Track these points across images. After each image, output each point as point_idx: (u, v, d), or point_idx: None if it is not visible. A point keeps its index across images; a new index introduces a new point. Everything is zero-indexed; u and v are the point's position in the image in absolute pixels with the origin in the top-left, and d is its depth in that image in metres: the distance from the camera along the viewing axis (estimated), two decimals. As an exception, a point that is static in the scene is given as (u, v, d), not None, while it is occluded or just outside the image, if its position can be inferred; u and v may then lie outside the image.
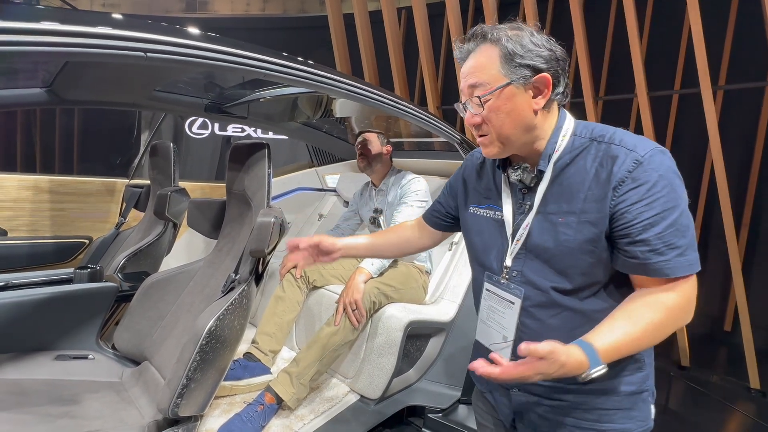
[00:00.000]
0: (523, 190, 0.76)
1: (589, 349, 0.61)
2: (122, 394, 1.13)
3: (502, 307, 0.77)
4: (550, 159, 0.73)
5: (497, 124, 0.71)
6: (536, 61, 0.69)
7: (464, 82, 0.74)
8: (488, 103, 0.71)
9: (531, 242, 0.74)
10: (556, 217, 0.71)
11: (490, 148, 0.75)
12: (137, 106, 1.81)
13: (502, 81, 0.69)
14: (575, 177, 0.71)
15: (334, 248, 0.97)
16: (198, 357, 0.99)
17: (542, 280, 0.73)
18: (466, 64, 0.74)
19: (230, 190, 1.31)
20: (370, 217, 1.90)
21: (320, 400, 1.47)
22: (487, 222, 0.82)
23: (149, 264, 1.68)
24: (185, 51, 0.84)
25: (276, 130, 2.47)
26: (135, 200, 1.99)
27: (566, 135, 0.73)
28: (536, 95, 0.71)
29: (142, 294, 1.31)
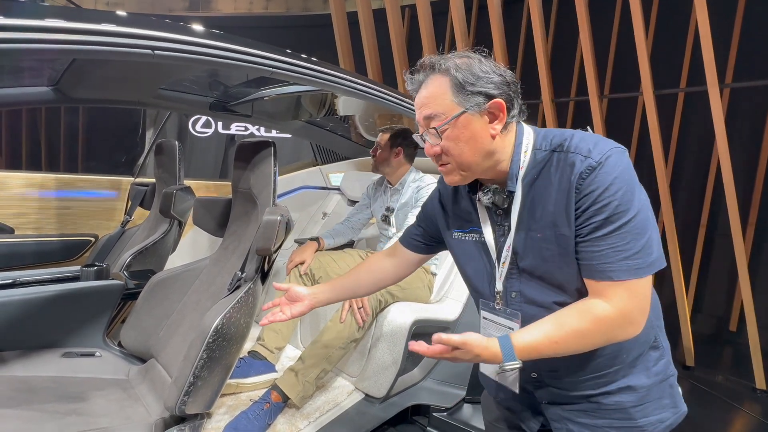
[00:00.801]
0: (498, 211, 0.75)
1: (506, 344, 0.64)
2: (129, 392, 1.14)
3: (500, 334, 0.73)
4: (517, 178, 0.72)
5: (456, 153, 0.71)
6: (488, 87, 0.69)
7: (419, 114, 0.74)
8: (446, 132, 0.70)
9: (520, 263, 0.73)
10: (535, 234, 0.71)
11: (452, 176, 0.74)
12: (143, 104, 1.81)
13: (457, 110, 0.69)
14: (543, 190, 0.70)
15: (301, 297, 0.93)
16: (205, 355, 0.99)
17: (543, 297, 0.72)
18: (419, 95, 0.73)
19: (236, 188, 1.31)
20: (382, 215, 1.89)
21: (325, 398, 1.47)
22: (473, 246, 0.81)
23: (155, 262, 1.68)
24: (192, 49, 0.83)
25: (280, 129, 2.47)
26: (140, 198, 2.00)
27: (527, 150, 0.73)
28: (492, 120, 0.70)
29: (149, 292, 1.31)
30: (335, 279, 1.03)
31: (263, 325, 0.96)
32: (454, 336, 0.63)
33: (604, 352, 0.71)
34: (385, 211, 1.88)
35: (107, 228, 2.06)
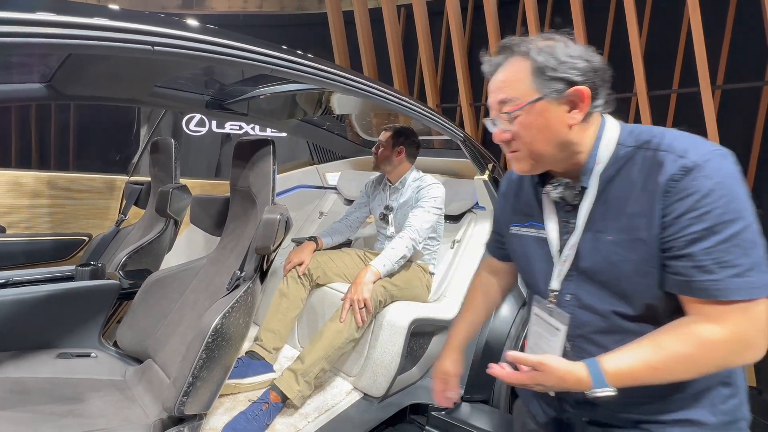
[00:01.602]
0: (566, 207, 0.70)
1: (595, 369, 0.58)
2: (125, 393, 1.12)
3: (549, 334, 0.71)
4: (592, 174, 0.66)
5: (528, 141, 0.66)
6: (570, 73, 0.63)
7: (493, 97, 0.69)
8: (518, 119, 0.66)
9: (581, 264, 0.68)
10: (604, 236, 0.65)
11: (521, 164, 0.70)
12: (138, 102, 1.79)
13: (533, 95, 0.64)
14: (621, 190, 0.64)
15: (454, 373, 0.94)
16: (204, 355, 0.98)
17: (601, 304, 0.66)
18: (495, 78, 0.69)
19: (235, 186, 1.30)
20: (380, 213, 1.88)
21: (324, 398, 1.47)
22: (531, 241, 0.77)
23: (150, 261, 1.66)
24: (193, 45, 0.82)
25: (276, 127, 2.46)
26: (135, 197, 1.97)
27: (609, 145, 0.66)
28: (571, 109, 0.65)
29: (145, 291, 1.29)
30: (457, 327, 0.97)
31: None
32: (530, 355, 0.59)
33: None
34: (384, 209, 1.87)
35: (101, 227, 2.04)
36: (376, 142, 1.91)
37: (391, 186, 1.89)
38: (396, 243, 1.63)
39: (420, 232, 1.67)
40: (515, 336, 1.79)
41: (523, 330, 1.84)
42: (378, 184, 2.00)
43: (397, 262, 1.61)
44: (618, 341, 0.64)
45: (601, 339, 0.67)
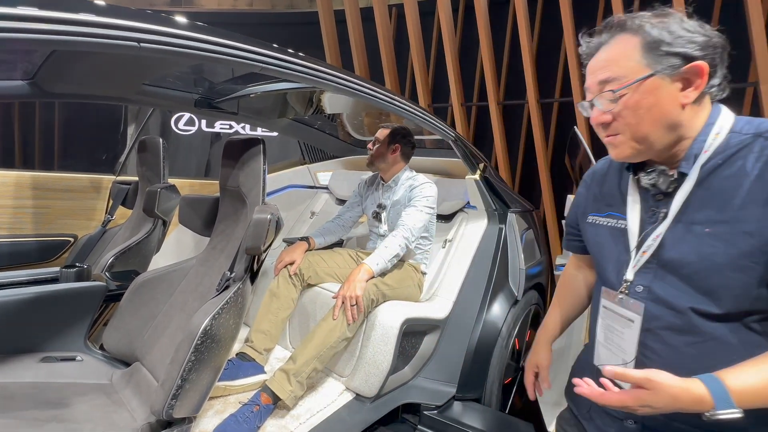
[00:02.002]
0: (658, 196, 0.66)
1: (716, 386, 0.51)
2: (112, 397, 1.10)
3: (620, 326, 0.68)
4: (695, 160, 0.62)
5: (633, 122, 0.61)
6: (688, 48, 0.58)
7: (592, 78, 0.65)
8: (623, 98, 0.61)
9: (664, 255, 0.63)
10: (700, 228, 0.60)
11: (622, 149, 0.64)
12: (125, 100, 1.76)
13: (643, 72, 0.59)
14: (729, 180, 0.59)
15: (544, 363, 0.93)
16: (193, 357, 0.97)
17: (679, 300, 0.62)
18: (597, 57, 0.65)
19: (224, 186, 1.29)
20: (373, 212, 1.88)
21: (316, 399, 1.46)
22: (606, 231, 0.73)
23: (138, 263, 1.63)
24: (180, 42, 0.81)
25: (266, 126, 2.44)
26: (123, 197, 1.94)
27: (720, 133, 0.62)
28: (685, 87, 0.60)
29: (133, 293, 1.27)
30: (549, 325, 0.95)
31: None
32: (633, 371, 0.52)
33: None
34: (376, 207, 1.87)
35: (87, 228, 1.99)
36: (372, 140, 1.90)
37: (384, 184, 1.89)
38: (389, 242, 1.63)
39: (413, 231, 1.67)
40: (506, 334, 1.80)
41: (515, 329, 1.85)
42: (371, 183, 2.00)
43: (390, 261, 1.61)
44: (689, 343, 0.61)
45: (670, 337, 0.63)
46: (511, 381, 1.89)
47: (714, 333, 0.60)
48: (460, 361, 1.72)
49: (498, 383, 1.74)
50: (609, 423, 0.74)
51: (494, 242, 1.93)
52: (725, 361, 0.57)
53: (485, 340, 1.75)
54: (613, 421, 0.73)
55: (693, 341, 0.61)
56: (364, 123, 2.77)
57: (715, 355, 0.59)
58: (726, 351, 0.59)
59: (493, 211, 1.99)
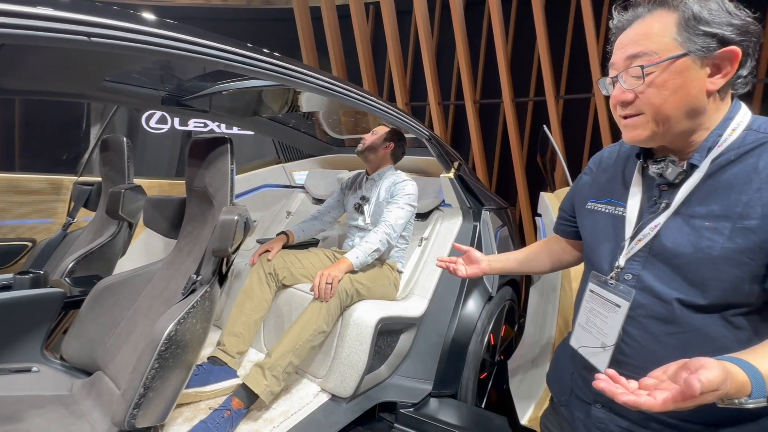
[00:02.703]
0: (662, 186, 0.66)
1: (753, 372, 0.48)
2: (72, 408, 1.05)
3: (606, 311, 0.68)
4: (708, 153, 0.61)
5: (657, 101, 0.59)
6: (726, 30, 0.56)
7: (621, 54, 0.62)
8: (651, 75, 0.59)
9: (659, 245, 0.63)
10: (701, 221, 0.60)
11: (639, 131, 0.62)
12: (86, 97, 1.68)
13: (676, 51, 0.57)
14: (739, 176, 0.59)
15: (477, 260, 0.97)
16: (156, 364, 0.93)
17: (666, 290, 0.62)
18: (629, 31, 0.62)
19: (190, 186, 1.25)
20: (355, 203, 1.88)
21: (290, 401, 1.44)
22: (604, 218, 0.73)
23: (101, 267, 1.56)
24: (134, 37, 0.77)
25: (240, 125, 2.38)
26: (85, 199, 1.85)
27: (737, 129, 0.61)
28: (714, 74, 0.58)
29: (94, 299, 1.22)
30: (510, 253, 1.01)
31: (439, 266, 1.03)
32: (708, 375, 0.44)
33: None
34: (359, 200, 1.87)
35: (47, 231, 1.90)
36: (370, 131, 1.92)
37: (368, 178, 1.90)
38: (370, 237, 1.64)
39: (395, 227, 1.69)
40: (481, 330, 1.82)
41: (489, 324, 1.88)
42: (353, 181, 1.99)
43: (371, 255, 1.61)
44: (669, 333, 0.62)
45: (651, 326, 0.64)
46: (486, 376, 1.92)
47: (695, 324, 0.61)
48: (436, 358, 1.74)
49: (473, 378, 1.76)
50: (579, 407, 0.76)
51: (469, 239, 1.95)
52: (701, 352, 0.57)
53: (460, 337, 1.77)
54: (583, 405, 0.75)
55: (673, 331, 0.62)
56: (341, 122, 2.75)
57: (693, 347, 0.61)
58: (704, 343, 0.60)
59: (468, 208, 2.01)
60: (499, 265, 0.99)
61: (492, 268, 0.98)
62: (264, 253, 1.69)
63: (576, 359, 0.76)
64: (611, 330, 0.67)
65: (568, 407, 0.80)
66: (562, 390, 0.82)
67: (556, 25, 3.61)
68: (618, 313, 0.66)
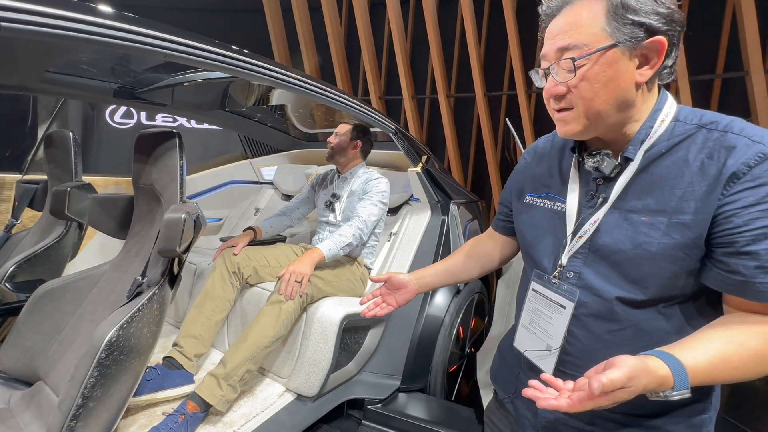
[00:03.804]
0: (599, 180, 0.65)
1: (676, 365, 0.49)
2: (8, 422, 0.99)
3: (550, 311, 0.67)
4: (641, 146, 0.61)
5: (588, 96, 0.59)
6: (653, 18, 0.56)
7: (551, 45, 0.61)
8: (582, 68, 0.58)
9: (598, 241, 0.63)
10: (637, 216, 0.60)
11: (572, 126, 0.62)
12: (26, 89, 1.56)
13: (605, 42, 0.57)
14: (671, 169, 0.59)
15: (404, 283, 0.88)
16: (96, 372, 0.88)
17: (607, 287, 0.62)
18: (557, 20, 0.61)
19: (137, 184, 1.18)
20: (326, 201, 1.85)
21: (253, 403, 1.40)
22: (543, 213, 0.72)
23: (48, 271, 1.47)
24: (49, 22, 0.71)
25: (201, 119, 2.29)
26: (30, 198, 1.74)
27: (666, 120, 0.61)
28: (642, 65, 0.58)
29: (33, 305, 1.14)
30: (436, 264, 0.93)
31: (365, 315, 0.90)
32: (617, 374, 0.46)
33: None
34: (330, 197, 1.85)
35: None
36: (332, 133, 1.87)
37: (340, 176, 1.87)
38: (343, 230, 1.62)
39: (367, 223, 1.68)
40: (449, 324, 1.83)
41: (458, 318, 1.89)
42: (323, 179, 1.96)
43: (342, 249, 1.59)
44: (609, 330, 0.62)
45: (592, 324, 0.64)
46: (456, 368, 1.93)
47: (632, 320, 0.61)
48: (404, 353, 1.73)
49: (442, 372, 1.76)
50: (526, 406, 0.75)
51: (437, 233, 1.95)
52: (639, 347, 0.59)
53: (428, 331, 1.77)
54: (530, 405, 0.74)
55: (614, 328, 0.62)
56: (310, 115, 2.69)
57: (631, 342, 0.61)
58: (642, 337, 0.61)
59: (436, 202, 2.01)
60: (428, 280, 0.92)
61: (422, 286, 0.91)
62: (228, 248, 1.63)
63: (521, 360, 0.75)
64: (556, 332, 0.66)
65: (513, 405, 0.79)
66: (507, 388, 0.81)
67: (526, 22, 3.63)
68: (563, 314, 0.66)
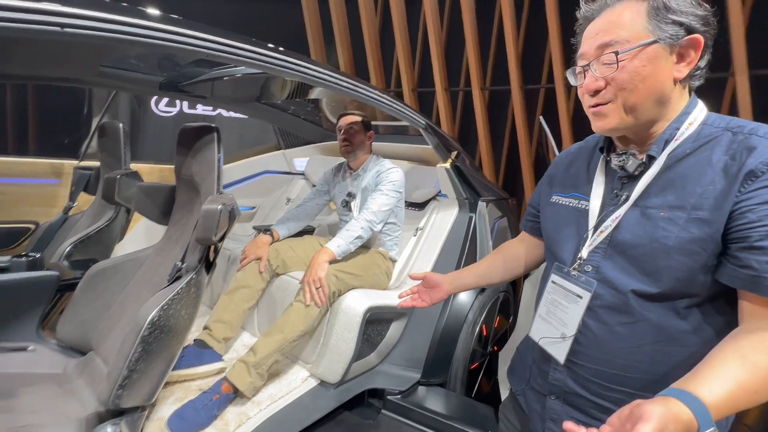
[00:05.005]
0: (624, 178, 0.68)
1: (697, 407, 0.46)
2: (64, 386, 1.10)
3: (567, 302, 0.70)
4: (666, 145, 0.63)
5: (629, 89, 0.61)
6: (692, 19, 0.59)
7: (591, 43, 0.64)
8: (624, 62, 0.60)
9: (618, 237, 0.65)
10: (657, 212, 0.62)
11: (610, 119, 0.64)
12: (82, 82, 1.69)
13: (647, 38, 0.59)
14: (694, 168, 0.61)
15: (438, 283, 0.94)
16: (140, 348, 0.97)
17: (623, 280, 0.64)
18: (599, 20, 0.64)
19: (179, 175, 1.27)
20: (342, 200, 1.86)
21: (279, 386, 1.47)
22: (568, 211, 0.75)
23: (99, 251, 1.61)
24: (109, 27, 0.77)
25: (238, 111, 2.38)
26: (84, 183, 1.89)
27: (694, 123, 0.63)
28: (680, 61, 0.61)
29: (87, 283, 1.26)
30: (470, 267, 0.98)
31: (400, 307, 1.00)
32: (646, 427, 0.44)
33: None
34: (346, 196, 1.85)
35: (49, 215, 1.95)
36: (341, 131, 1.83)
37: (353, 173, 1.87)
38: (351, 225, 1.63)
39: (377, 214, 1.66)
40: (472, 321, 1.83)
41: (481, 316, 1.88)
42: (337, 172, 1.97)
43: (353, 243, 1.60)
44: (622, 323, 0.64)
45: (606, 316, 0.66)
46: (478, 366, 1.94)
47: (646, 314, 0.62)
48: (426, 347, 1.75)
49: (463, 369, 1.77)
50: (535, 398, 0.78)
51: (464, 231, 1.94)
52: (653, 343, 0.62)
53: (451, 328, 1.78)
54: (539, 397, 0.76)
55: (626, 321, 0.64)
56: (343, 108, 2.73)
57: (643, 336, 0.63)
58: (655, 333, 0.62)
59: (464, 199, 1.99)
60: (460, 282, 0.97)
61: (456, 287, 0.96)
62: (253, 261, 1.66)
63: (534, 350, 0.78)
64: (571, 320, 0.69)
65: (524, 397, 0.81)
66: (519, 380, 0.84)
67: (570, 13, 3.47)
68: (579, 304, 0.68)
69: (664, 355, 0.62)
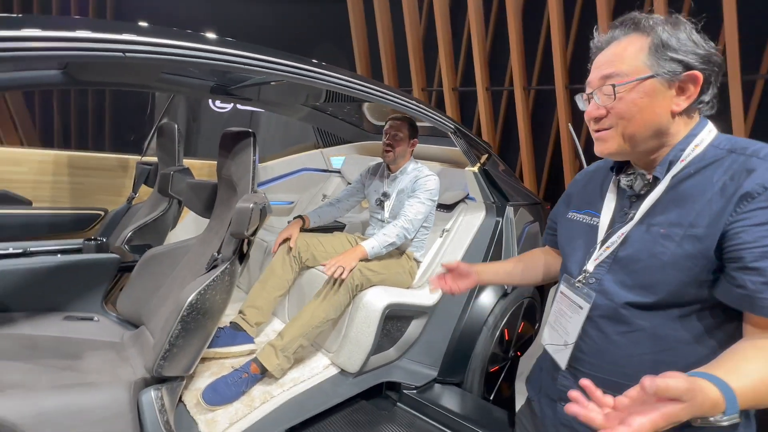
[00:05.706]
0: (632, 197, 0.71)
1: (725, 389, 0.47)
2: (121, 353, 1.29)
3: (571, 311, 0.74)
4: (670, 167, 0.65)
5: (626, 118, 0.64)
6: (690, 57, 0.61)
7: (597, 73, 0.68)
8: (621, 94, 0.64)
9: (622, 252, 0.68)
10: (657, 229, 0.64)
11: (609, 144, 0.67)
12: (146, 87, 1.91)
13: (645, 73, 0.62)
14: (696, 188, 0.63)
15: (467, 273, 0.95)
16: (179, 326, 1.11)
17: (619, 292, 0.67)
18: (606, 52, 0.68)
19: (220, 174, 1.41)
20: (377, 199, 1.93)
21: (302, 371, 1.60)
22: (580, 226, 0.79)
23: (155, 237, 1.82)
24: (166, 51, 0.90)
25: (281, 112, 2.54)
26: (145, 177, 2.14)
27: (701, 145, 0.64)
28: (679, 95, 0.63)
29: (142, 265, 1.44)
30: (498, 264, 1.03)
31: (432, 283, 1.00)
32: (673, 381, 0.43)
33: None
34: (381, 196, 1.92)
35: (116, 203, 2.23)
36: (386, 136, 1.85)
37: (391, 174, 1.93)
38: (389, 230, 1.70)
39: (414, 222, 1.73)
40: (492, 324, 1.84)
41: (502, 320, 1.89)
42: (374, 172, 2.04)
43: (386, 248, 1.69)
44: (619, 332, 0.68)
45: (604, 325, 0.69)
46: (498, 369, 1.95)
47: (643, 324, 0.66)
48: (444, 346, 1.80)
49: (480, 371, 1.80)
50: (547, 404, 0.81)
51: (489, 234, 1.95)
52: (652, 351, 0.65)
53: (470, 329, 1.81)
54: (551, 403, 0.80)
55: (623, 330, 0.68)
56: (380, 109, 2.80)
57: (641, 345, 0.66)
58: (654, 342, 0.65)
59: (491, 203, 2.00)
60: (488, 276, 0.99)
61: (482, 279, 0.98)
62: (284, 241, 1.80)
63: (546, 357, 0.82)
64: (573, 329, 0.73)
65: (538, 403, 0.85)
66: (533, 387, 0.88)
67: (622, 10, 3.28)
68: (580, 314, 0.72)
69: (664, 364, 0.62)
